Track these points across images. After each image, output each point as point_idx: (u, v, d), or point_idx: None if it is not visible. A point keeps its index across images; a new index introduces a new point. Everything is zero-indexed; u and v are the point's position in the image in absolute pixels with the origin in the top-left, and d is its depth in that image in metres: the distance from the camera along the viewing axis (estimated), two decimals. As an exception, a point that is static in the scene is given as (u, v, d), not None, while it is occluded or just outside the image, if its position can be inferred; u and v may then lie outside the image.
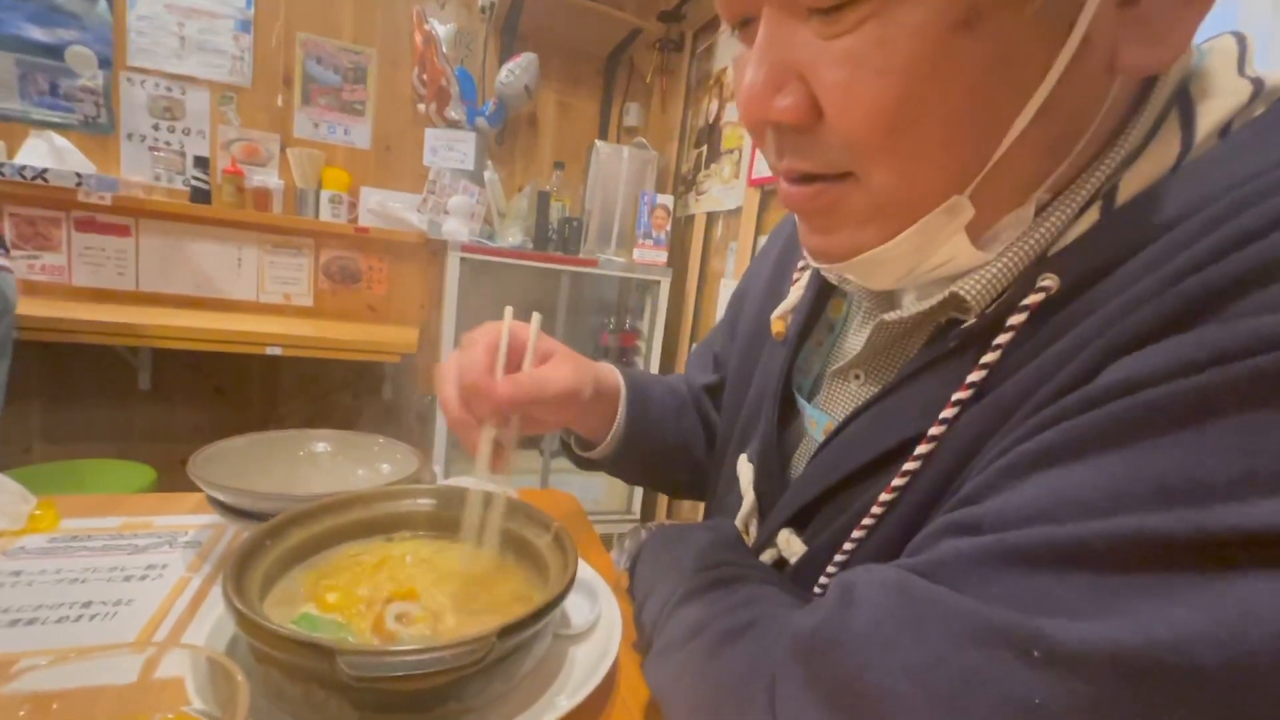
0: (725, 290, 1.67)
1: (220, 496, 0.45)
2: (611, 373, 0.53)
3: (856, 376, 0.38)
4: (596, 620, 0.43)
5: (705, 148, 1.88)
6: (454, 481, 0.53)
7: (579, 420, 0.51)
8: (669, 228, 1.87)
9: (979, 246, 0.29)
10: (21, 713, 0.23)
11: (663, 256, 1.88)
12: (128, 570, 0.46)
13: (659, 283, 1.89)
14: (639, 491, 1.98)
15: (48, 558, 0.47)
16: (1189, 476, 0.19)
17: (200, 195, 1.72)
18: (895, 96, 0.24)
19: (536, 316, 0.45)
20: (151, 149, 1.73)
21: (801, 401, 0.41)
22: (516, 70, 1.85)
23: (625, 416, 0.51)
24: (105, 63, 1.67)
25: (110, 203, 1.60)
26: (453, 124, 1.90)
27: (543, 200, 1.85)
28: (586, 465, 0.56)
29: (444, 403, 0.41)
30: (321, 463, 0.55)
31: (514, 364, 0.43)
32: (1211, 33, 0.29)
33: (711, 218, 1.86)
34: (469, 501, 0.45)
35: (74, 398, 1.74)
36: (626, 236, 1.93)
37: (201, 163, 1.72)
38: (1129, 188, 0.27)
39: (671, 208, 1.87)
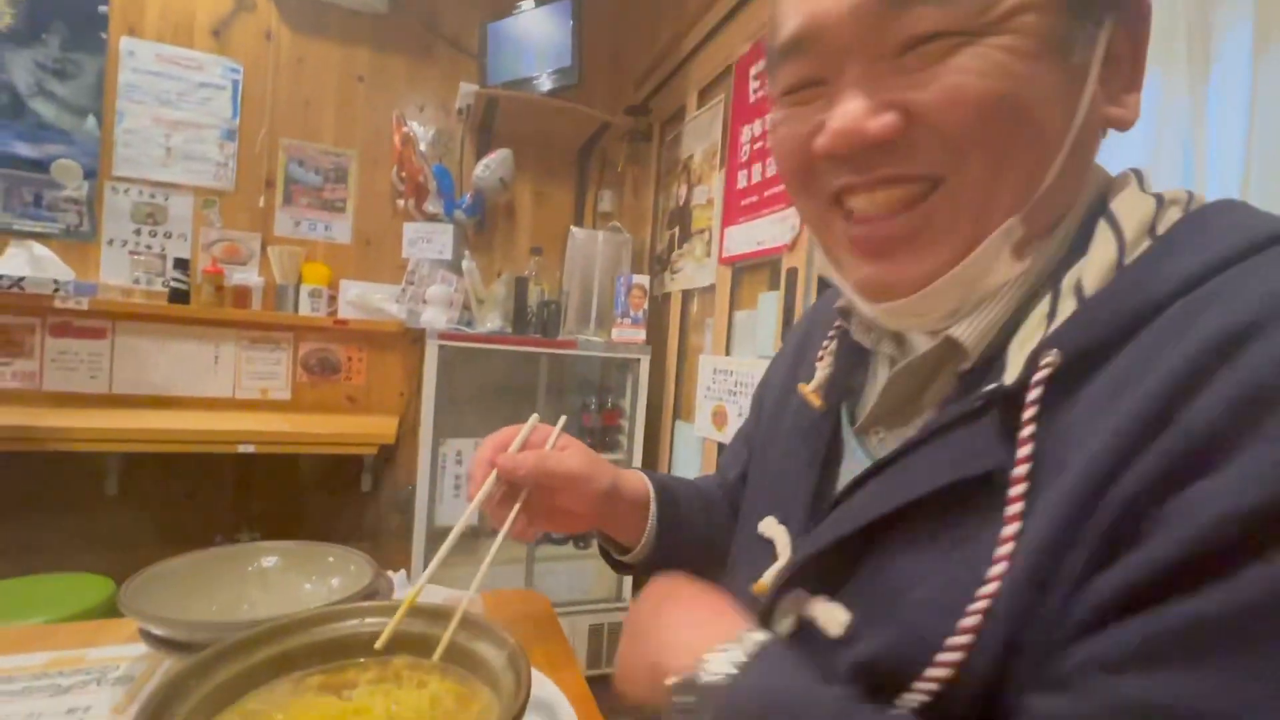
0: (705, 365, 1.68)
1: (151, 628, 0.42)
2: (639, 479, 0.55)
3: (877, 432, 0.39)
4: (557, 747, 0.39)
5: (677, 229, 1.94)
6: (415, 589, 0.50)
7: (605, 521, 0.54)
8: (646, 306, 1.90)
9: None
10: None
11: (641, 335, 1.89)
12: (46, 716, 0.42)
13: (639, 360, 1.89)
14: (628, 581, 1.90)
15: (-43, 707, 0.43)
16: None
17: (179, 295, 1.73)
18: (998, 92, 0.29)
19: (562, 419, 0.54)
20: (132, 253, 1.76)
21: (859, 453, 0.39)
22: (492, 165, 1.93)
23: (656, 521, 0.54)
24: (90, 173, 1.72)
25: (87, 307, 1.60)
26: (431, 217, 1.96)
27: (520, 285, 1.88)
28: (623, 570, 0.58)
29: (469, 476, 0.50)
30: (270, 579, 0.52)
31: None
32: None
33: (687, 295, 1.89)
34: (429, 613, 0.42)
35: (36, 506, 1.67)
36: (605, 317, 1.95)
37: (182, 264, 1.74)
38: (1093, 277, 0.30)
39: (648, 287, 1.91)
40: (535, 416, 0.52)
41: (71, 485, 1.69)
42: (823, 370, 0.45)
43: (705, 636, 0.34)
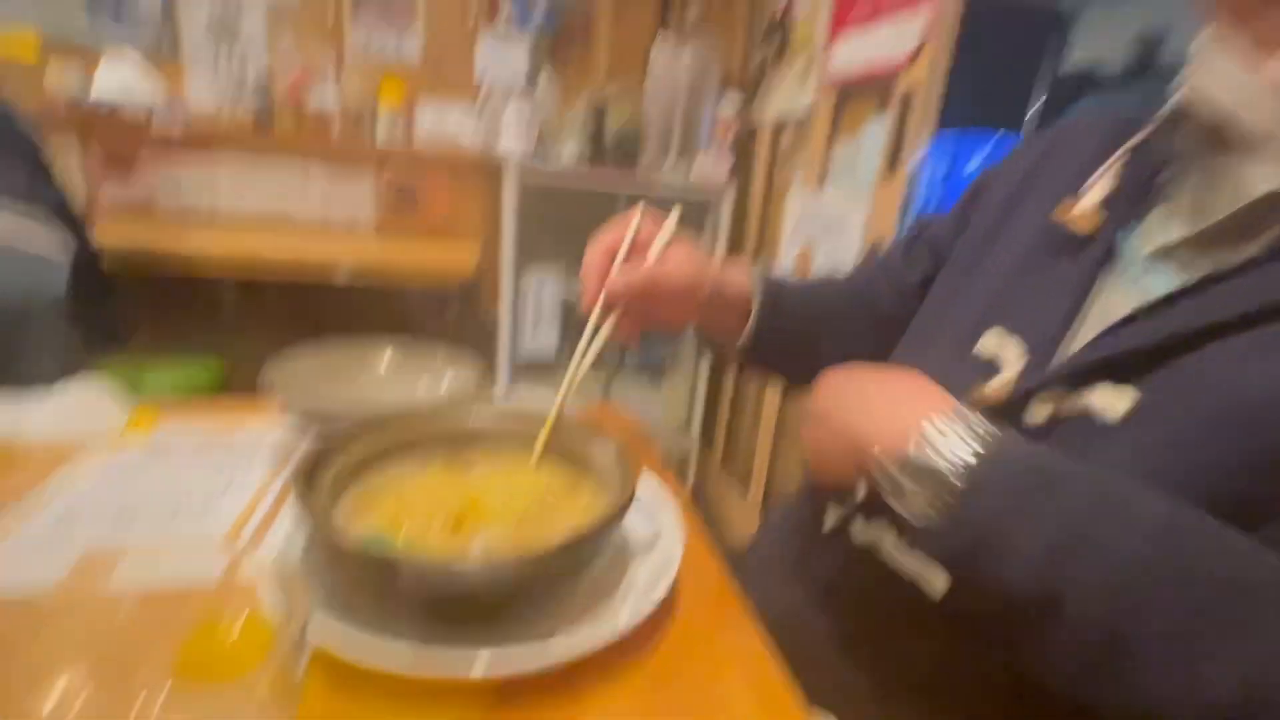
0: (794, 201, 1.57)
1: (297, 406, 0.46)
2: (742, 282, 0.54)
3: (1182, 253, 0.37)
4: (657, 537, 0.42)
5: (774, 47, 1.72)
6: (521, 397, 0.53)
7: (705, 321, 0.54)
8: (732, 136, 1.76)
9: None
10: (121, 613, 0.24)
11: (725, 168, 1.78)
12: (218, 473, 0.49)
13: (721, 198, 1.80)
14: (698, 411, 1.98)
15: (146, 459, 0.50)
16: None
17: (263, 119, 1.74)
18: None
19: (676, 210, 0.50)
20: (212, 74, 1.75)
21: (1157, 267, 0.38)
22: (569, -32, 1.72)
23: (755, 324, 0.54)
24: (162, -18, 1.67)
25: (181, 131, 1.64)
26: (505, 34, 1.82)
27: (598, 111, 1.76)
28: (718, 351, 0.59)
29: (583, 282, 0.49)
30: (388, 373, 0.57)
31: (642, 253, 0.49)
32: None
33: (779, 125, 1.73)
34: (535, 416, 0.45)
35: (154, 320, 1.84)
36: (688, 146, 1.83)
37: (261, 88, 1.73)
38: None
39: (736, 115, 1.75)
40: (642, 203, 0.50)
41: (185, 301, 1.84)
42: (1101, 188, 0.42)
43: (911, 413, 0.34)
